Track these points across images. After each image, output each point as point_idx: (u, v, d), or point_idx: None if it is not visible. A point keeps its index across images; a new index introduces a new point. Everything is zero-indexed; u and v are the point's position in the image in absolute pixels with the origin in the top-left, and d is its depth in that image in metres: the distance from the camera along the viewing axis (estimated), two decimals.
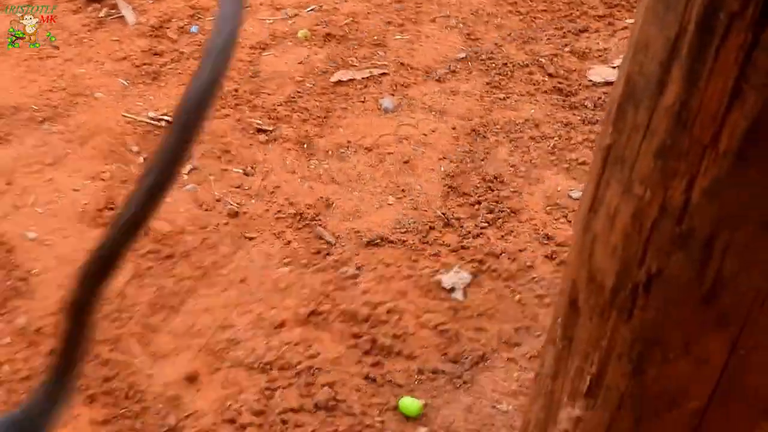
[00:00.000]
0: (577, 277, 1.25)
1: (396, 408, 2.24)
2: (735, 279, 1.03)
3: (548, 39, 4.17)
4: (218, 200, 2.99)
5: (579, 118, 3.51)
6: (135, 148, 3.26)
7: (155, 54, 3.95)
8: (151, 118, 3.45)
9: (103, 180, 3.07)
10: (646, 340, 1.14)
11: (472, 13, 4.38)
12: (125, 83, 3.72)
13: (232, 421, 2.19)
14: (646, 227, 1.07)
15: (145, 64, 3.87)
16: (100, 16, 4.26)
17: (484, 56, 3.98)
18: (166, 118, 3.45)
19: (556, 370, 1.38)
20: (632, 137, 1.06)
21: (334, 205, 2.99)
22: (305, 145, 3.31)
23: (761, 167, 0.95)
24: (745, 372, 1.11)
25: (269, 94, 3.65)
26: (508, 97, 3.66)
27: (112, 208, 2.92)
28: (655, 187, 1.04)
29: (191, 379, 2.32)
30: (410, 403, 2.22)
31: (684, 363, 1.12)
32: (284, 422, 2.18)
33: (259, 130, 3.39)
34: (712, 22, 0.90)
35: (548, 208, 2.97)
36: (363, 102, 3.61)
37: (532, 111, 3.56)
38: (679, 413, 1.18)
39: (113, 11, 4.30)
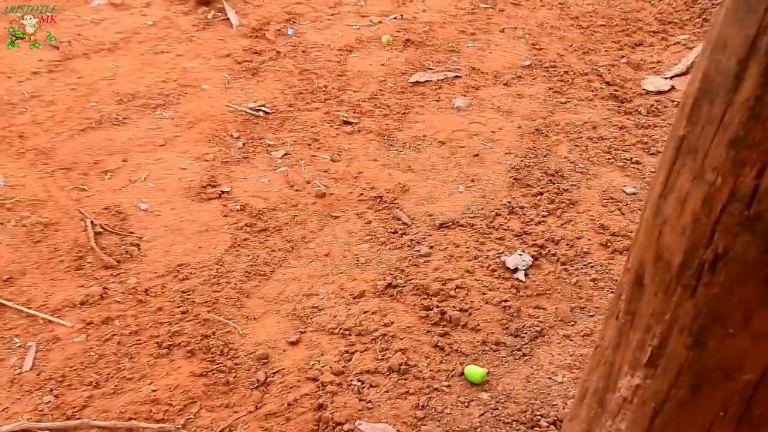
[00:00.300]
0: (644, 257, 1.22)
1: (461, 374, 2.20)
2: None
3: (606, 51, 4.11)
4: (308, 182, 2.99)
5: (633, 122, 3.45)
6: (235, 134, 3.29)
7: (255, 52, 3.99)
8: (250, 108, 3.48)
9: (206, 161, 3.09)
10: (708, 316, 1.11)
11: (537, 26, 4.34)
12: (228, 77, 3.75)
13: (314, 379, 2.17)
14: (716, 211, 1.04)
15: (245, 61, 3.90)
16: (208, 17, 4.32)
17: (547, 64, 3.94)
18: (263, 108, 3.47)
19: (617, 342, 1.35)
20: (706, 129, 1.03)
21: (410, 190, 2.97)
22: (385, 137, 3.30)
23: None
24: None
25: (355, 91, 3.65)
26: (568, 102, 3.61)
27: (214, 186, 2.94)
28: (726, 175, 1.02)
29: (279, 340, 2.33)
30: (475, 371, 2.18)
31: (742, 338, 1.10)
32: (361, 382, 2.16)
33: (345, 122, 3.39)
34: None
35: (604, 201, 2.91)
36: (438, 101, 3.59)
37: (590, 114, 3.51)
38: (734, 384, 1.15)
39: (219, 14, 4.36)
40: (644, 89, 3.76)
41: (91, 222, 2.68)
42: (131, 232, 2.69)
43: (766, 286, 1.05)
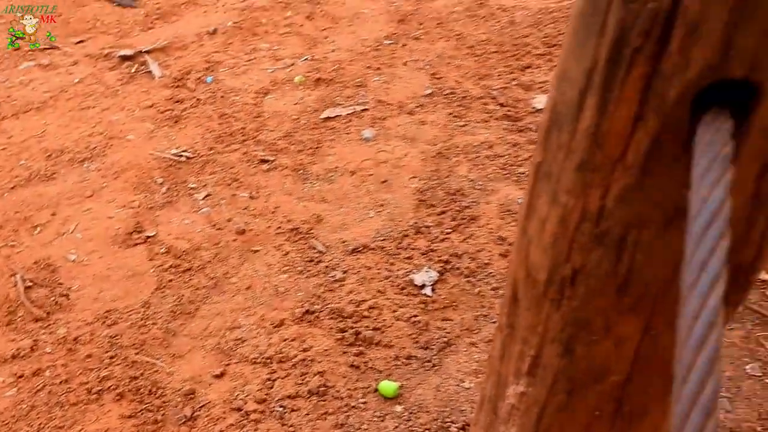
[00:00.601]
0: (516, 274, 1.22)
1: (376, 390, 2.17)
2: (644, 271, 1.01)
3: (499, 75, 4.14)
4: (228, 220, 2.93)
5: (525, 139, 3.48)
6: (159, 180, 3.20)
7: (177, 101, 3.91)
8: (173, 155, 3.40)
9: (132, 208, 3.01)
10: (573, 326, 1.11)
11: (436, 57, 4.35)
12: (152, 126, 3.67)
13: (238, 409, 2.11)
14: (570, 230, 1.05)
15: (168, 110, 3.82)
16: (131, 71, 4.23)
17: (447, 92, 3.95)
18: (185, 154, 3.40)
19: (502, 353, 1.35)
20: (557, 155, 1.04)
21: (324, 220, 2.93)
22: (300, 172, 3.26)
23: (661, 177, 0.93)
24: (657, 349, 1.09)
25: (270, 131, 3.60)
26: (467, 125, 3.62)
27: (139, 231, 2.86)
28: (576, 196, 1.02)
29: (204, 374, 2.25)
30: (388, 386, 2.15)
31: (606, 344, 1.10)
32: (283, 407, 2.10)
33: (262, 161, 3.33)
34: (619, 56, 0.88)
35: (502, 214, 2.91)
36: (348, 134, 3.56)
37: (487, 135, 3.52)
38: (604, 386, 1.16)
39: (142, 67, 4.26)
40: (534, 107, 3.80)
41: (21, 277, 2.57)
42: (60, 284, 2.59)
43: (619, 296, 1.05)
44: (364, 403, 2.11)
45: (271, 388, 2.17)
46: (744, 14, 0.79)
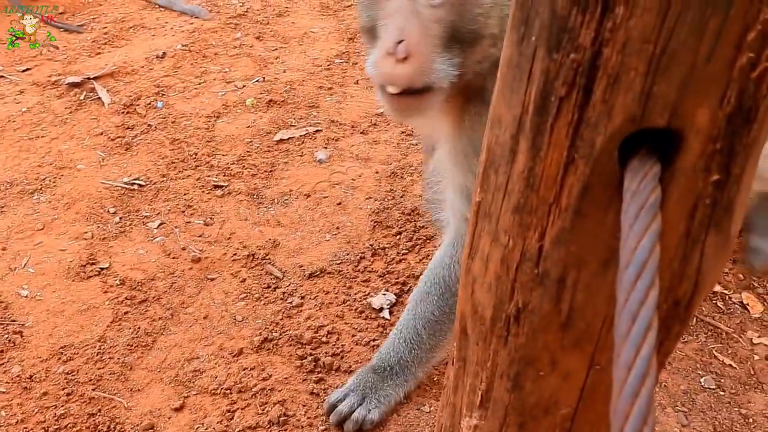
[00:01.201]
0: (464, 310, 1.24)
1: None
2: (585, 309, 1.03)
3: None
4: (183, 249, 2.90)
5: None
6: (111, 210, 3.16)
7: (127, 128, 3.86)
8: (125, 183, 3.36)
9: (85, 239, 2.96)
10: (520, 361, 1.13)
11: None
12: (102, 155, 3.62)
13: None
14: (512, 269, 1.06)
15: (119, 137, 3.77)
16: (80, 99, 4.17)
17: None
18: (138, 182, 3.36)
19: (456, 385, 1.37)
20: (495, 196, 1.05)
21: (280, 244, 2.92)
22: (254, 196, 3.25)
23: (595, 219, 0.95)
24: (603, 382, 1.11)
25: (223, 155, 3.58)
26: (419, 143, 3.64)
27: (93, 263, 2.82)
28: (515, 237, 1.04)
29: (163, 408, 2.23)
30: None
31: (552, 378, 1.12)
32: None
33: (216, 186, 3.31)
34: (546, 103, 0.90)
35: None
36: (301, 156, 3.56)
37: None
38: (554, 418, 1.18)
39: (91, 93, 4.21)
40: None
41: None
42: (13, 321, 2.54)
43: (563, 332, 1.07)
44: (325, 431, 2.11)
45: (231, 419, 2.16)
46: (662, 65, 0.81)
